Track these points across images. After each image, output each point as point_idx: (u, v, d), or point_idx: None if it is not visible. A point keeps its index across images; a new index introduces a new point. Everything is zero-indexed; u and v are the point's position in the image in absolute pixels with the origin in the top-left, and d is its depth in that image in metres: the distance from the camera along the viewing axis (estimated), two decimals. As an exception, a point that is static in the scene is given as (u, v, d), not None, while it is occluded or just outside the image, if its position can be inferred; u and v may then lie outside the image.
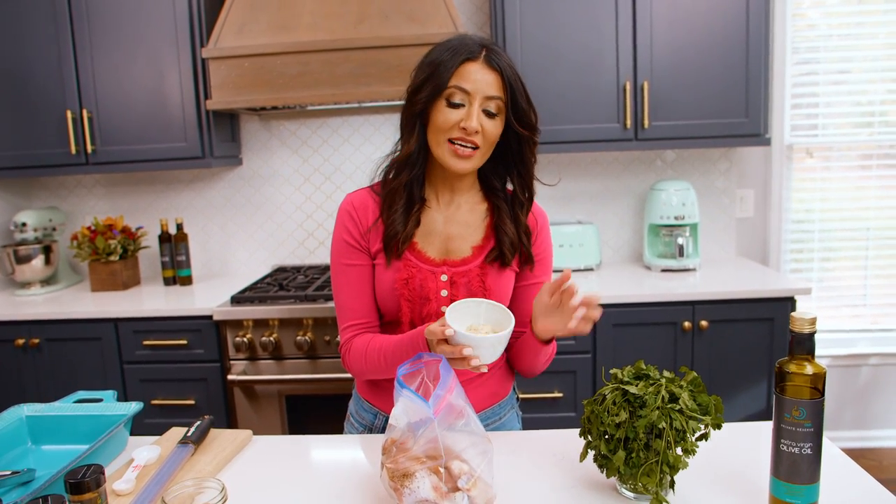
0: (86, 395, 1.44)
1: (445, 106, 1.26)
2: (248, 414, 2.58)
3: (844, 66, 3.03)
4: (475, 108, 1.25)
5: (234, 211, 3.22)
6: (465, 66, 1.26)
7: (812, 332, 0.96)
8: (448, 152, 1.28)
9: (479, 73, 1.25)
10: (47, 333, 2.63)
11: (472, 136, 1.26)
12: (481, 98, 1.25)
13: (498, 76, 1.26)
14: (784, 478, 0.97)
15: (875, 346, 3.16)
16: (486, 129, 1.27)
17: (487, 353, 1.13)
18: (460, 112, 1.26)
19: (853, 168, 3.12)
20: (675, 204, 2.83)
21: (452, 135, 1.26)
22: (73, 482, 0.91)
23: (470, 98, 1.25)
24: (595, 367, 2.54)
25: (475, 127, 1.24)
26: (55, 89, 2.77)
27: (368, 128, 3.12)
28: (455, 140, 1.27)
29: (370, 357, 1.33)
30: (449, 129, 1.26)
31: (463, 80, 1.25)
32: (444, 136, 1.27)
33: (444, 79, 1.25)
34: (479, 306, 1.21)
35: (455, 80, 1.25)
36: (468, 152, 1.27)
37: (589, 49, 2.65)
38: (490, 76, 1.26)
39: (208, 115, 2.77)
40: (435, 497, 0.98)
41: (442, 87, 1.25)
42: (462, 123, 1.25)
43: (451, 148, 1.27)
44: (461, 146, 1.27)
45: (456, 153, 1.27)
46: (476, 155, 1.28)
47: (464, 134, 1.26)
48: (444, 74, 1.25)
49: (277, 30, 2.59)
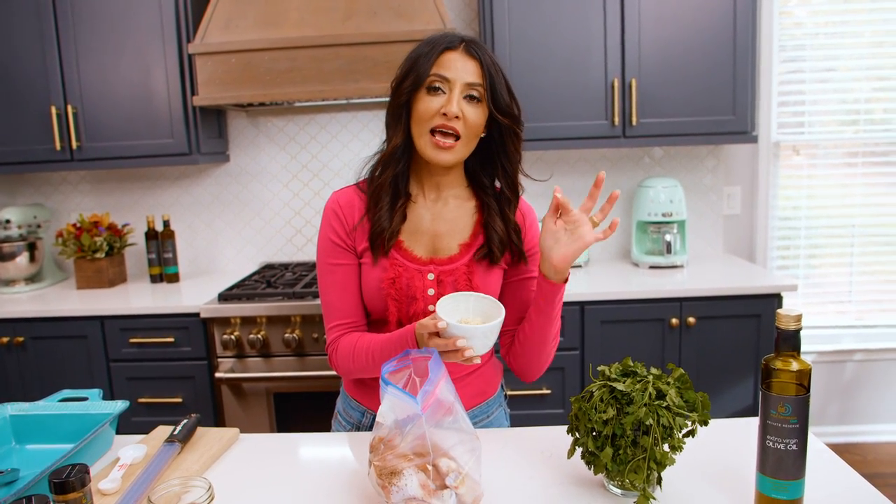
0: (71, 394, 1.43)
1: (426, 94, 1.27)
2: (236, 412, 2.57)
3: (830, 64, 3.06)
4: (455, 94, 1.26)
5: (222, 208, 3.20)
6: (445, 55, 1.27)
7: (798, 329, 0.96)
8: (429, 144, 1.27)
9: (459, 61, 1.27)
10: (32, 332, 2.60)
11: (452, 121, 1.25)
12: (461, 85, 1.26)
13: (477, 63, 1.27)
14: (770, 473, 0.98)
15: (860, 343, 3.19)
16: (467, 117, 1.26)
17: (480, 343, 1.13)
18: (441, 99, 1.26)
19: (839, 165, 3.15)
20: (663, 201, 2.84)
21: (434, 123, 1.26)
22: (57, 482, 0.90)
23: (450, 85, 1.26)
24: (583, 364, 2.55)
25: (455, 111, 1.24)
26: (39, 84, 2.74)
27: (356, 124, 3.11)
28: (436, 129, 1.26)
29: (358, 356, 1.32)
30: (431, 117, 1.26)
31: (443, 68, 1.26)
32: (427, 126, 1.27)
33: (425, 69, 1.27)
34: (469, 299, 1.22)
35: (435, 69, 1.27)
36: (449, 143, 1.27)
37: (577, 46, 2.65)
38: (469, 64, 1.27)
39: (195, 111, 2.75)
40: (423, 495, 0.98)
41: (423, 76, 1.27)
42: (443, 109, 1.25)
43: (433, 140, 1.27)
44: (442, 136, 1.26)
45: (437, 145, 1.27)
46: (457, 146, 1.28)
47: (444, 120, 1.25)
48: (424, 65, 1.27)
49: (264, 25, 2.58)
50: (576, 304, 2.51)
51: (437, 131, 1.26)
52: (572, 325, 2.53)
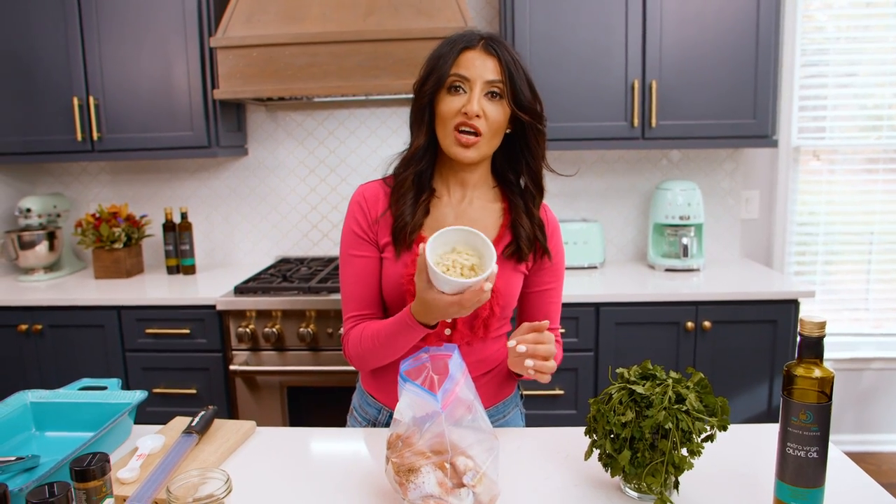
0: (91, 383, 1.44)
1: (447, 94, 1.29)
2: (250, 405, 2.59)
3: (852, 69, 3.02)
4: (476, 93, 1.27)
5: (239, 201, 3.22)
6: (464, 55, 1.28)
7: (821, 336, 0.95)
8: (453, 142, 1.29)
9: (478, 59, 1.28)
10: (50, 320, 2.63)
11: (473, 120, 1.27)
12: (481, 83, 1.27)
13: (496, 61, 1.28)
14: (789, 481, 0.97)
15: (877, 351, 3.16)
16: (488, 114, 1.28)
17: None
18: (462, 98, 1.28)
19: (859, 172, 3.11)
20: (681, 204, 2.83)
21: (456, 121, 1.28)
22: (78, 469, 0.91)
23: (470, 84, 1.28)
24: (597, 365, 2.54)
25: (476, 110, 1.26)
26: (62, 76, 2.76)
27: (374, 120, 3.11)
28: (459, 127, 1.28)
29: (365, 342, 1.33)
30: (452, 116, 1.28)
31: (462, 67, 1.28)
32: (450, 125, 1.28)
33: (445, 69, 1.28)
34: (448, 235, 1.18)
35: (455, 69, 1.28)
36: (472, 140, 1.28)
37: (598, 47, 2.64)
38: (489, 61, 1.28)
39: (215, 104, 2.76)
40: (440, 492, 0.98)
41: (444, 77, 1.28)
42: (463, 108, 1.26)
43: (456, 136, 1.28)
44: (464, 133, 1.28)
45: (459, 141, 1.28)
46: (480, 142, 1.29)
47: (465, 118, 1.27)
48: (444, 66, 1.29)
49: (286, 20, 2.58)
50: (591, 305, 2.51)
51: (460, 129, 1.28)
52: (587, 327, 2.52)
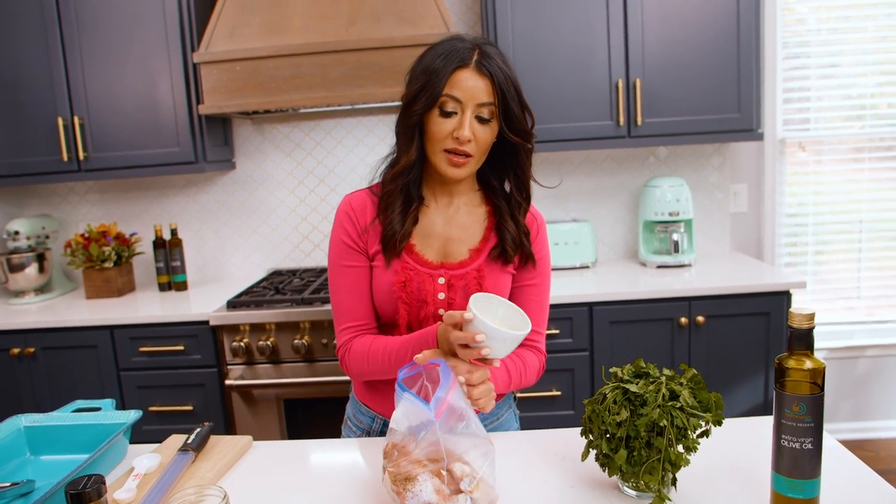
0: (84, 405, 1.43)
1: (439, 115, 1.27)
2: (247, 418, 2.58)
3: (834, 59, 3.05)
4: (467, 117, 1.26)
5: (229, 215, 3.21)
6: (457, 74, 1.26)
7: (811, 327, 0.96)
8: (444, 161, 1.29)
9: (471, 80, 1.25)
10: (42, 342, 2.61)
11: (464, 145, 1.27)
12: (473, 105, 1.26)
13: (489, 81, 1.26)
14: (785, 473, 0.98)
15: (870, 338, 3.18)
16: (478, 137, 1.28)
17: (500, 347, 1.11)
18: (453, 121, 1.27)
19: (845, 161, 3.14)
20: (670, 200, 2.84)
21: (447, 145, 1.28)
22: (73, 493, 0.90)
23: (462, 106, 1.26)
24: (593, 365, 2.55)
25: (467, 136, 1.25)
26: (46, 96, 2.75)
27: (361, 129, 3.12)
28: (450, 150, 1.27)
29: (374, 358, 1.32)
30: (443, 139, 1.27)
31: (454, 88, 1.26)
32: (440, 146, 1.28)
33: (438, 89, 1.26)
34: (501, 305, 1.19)
35: (447, 90, 1.26)
36: (462, 160, 1.29)
37: (581, 47, 2.65)
38: (481, 82, 1.26)
39: (200, 119, 2.76)
40: (438, 500, 0.98)
41: (435, 97, 1.26)
42: (455, 133, 1.26)
43: (447, 157, 1.29)
44: (455, 155, 1.28)
45: (451, 162, 1.29)
46: (470, 162, 1.30)
47: (457, 144, 1.27)
48: (436, 85, 1.26)
49: (268, 33, 2.58)
50: (584, 304, 2.51)
51: (451, 151, 1.28)
52: (581, 326, 2.52)
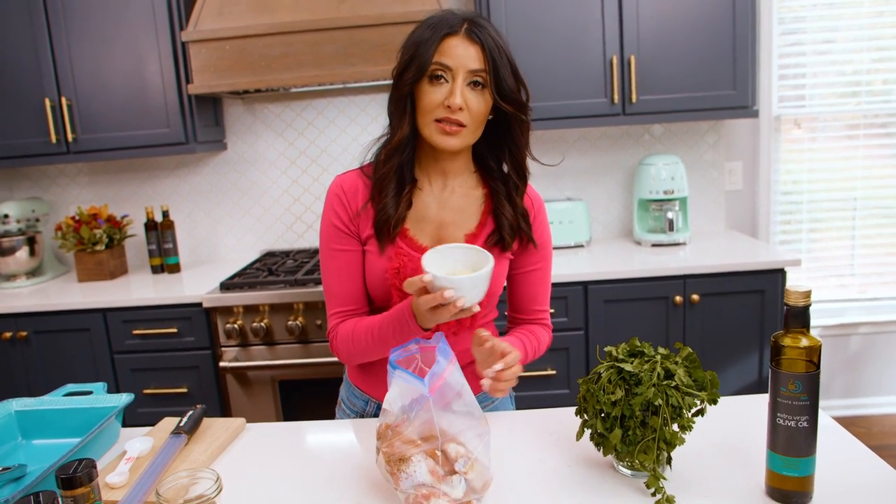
0: (76, 388, 1.42)
1: (429, 84, 1.24)
2: (242, 400, 2.57)
3: (830, 35, 3.02)
4: (458, 84, 1.22)
5: (220, 196, 3.18)
6: (446, 41, 1.23)
7: (807, 305, 0.95)
8: (435, 131, 1.25)
9: (461, 48, 1.22)
10: (35, 326, 2.60)
11: (456, 113, 1.23)
12: (464, 72, 1.22)
13: (479, 48, 1.23)
14: (781, 451, 0.97)
15: (863, 315, 3.19)
16: (470, 105, 1.24)
17: (472, 293, 1.10)
18: (444, 89, 1.23)
19: (840, 138, 3.12)
20: (664, 178, 2.82)
21: (438, 115, 1.24)
22: (64, 477, 0.90)
23: (452, 73, 1.23)
24: (588, 344, 2.55)
25: (458, 103, 1.22)
26: (32, 77, 2.71)
27: (354, 108, 3.08)
28: (441, 119, 1.24)
29: (357, 337, 1.31)
30: (434, 108, 1.24)
31: (444, 55, 1.22)
32: (431, 117, 1.25)
33: (427, 57, 1.22)
34: (455, 252, 1.18)
35: (437, 57, 1.22)
36: (454, 129, 1.24)
37: (575, 24, 2.62)
38: (472, 49, 1.23)
39: (190, 99, 2.72)
40: (432, 481, 0.98)
41: (425, 66, 1.23)
42: (446, 101, 1.22)
43: (438, 126, 1.25)
44: (447, 123, 1.24)
45: (443, 130, 1.25)
46: (463, 132, 1.26)
47: (449, 113, 1.23)
48: (426, 53, 1.22)
49: (258, 11, 2.54)
50: (579, 284, 2.50)
51: (443, 121, 1.24)
52: (576, 306, 2.52)
